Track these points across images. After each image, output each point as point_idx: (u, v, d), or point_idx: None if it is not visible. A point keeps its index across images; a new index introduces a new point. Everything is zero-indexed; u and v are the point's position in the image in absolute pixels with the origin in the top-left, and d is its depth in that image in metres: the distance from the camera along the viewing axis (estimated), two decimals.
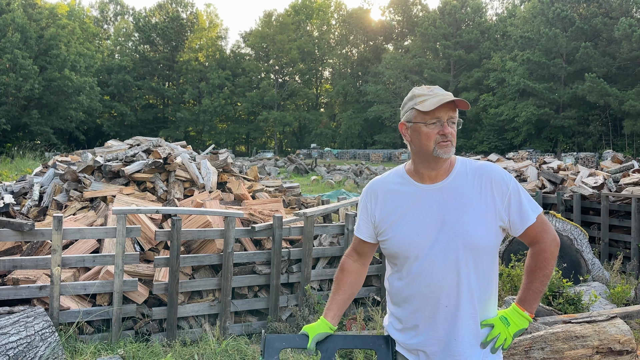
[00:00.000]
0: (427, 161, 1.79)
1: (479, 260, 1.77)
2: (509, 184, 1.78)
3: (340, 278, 2.05)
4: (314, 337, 1.93)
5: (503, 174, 1.80)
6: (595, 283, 5.77)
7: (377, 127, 58.61)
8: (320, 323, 1.98)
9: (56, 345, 3.55)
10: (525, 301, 1.83)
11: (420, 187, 1.83)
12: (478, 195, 1.77)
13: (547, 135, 44.62)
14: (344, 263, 2.08)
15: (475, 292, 1.78)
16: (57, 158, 7.28)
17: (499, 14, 63.42)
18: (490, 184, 1.78)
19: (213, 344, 4.15)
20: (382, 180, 1.95)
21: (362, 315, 4.64)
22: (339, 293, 2.02)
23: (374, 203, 1.93)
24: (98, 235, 4.23)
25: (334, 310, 2.00)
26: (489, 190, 1.77)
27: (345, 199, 6.36)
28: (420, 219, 1.79)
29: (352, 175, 24.84)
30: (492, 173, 1.79)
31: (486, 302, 1.82)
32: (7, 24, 36.73)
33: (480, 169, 1.81)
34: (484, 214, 1.75)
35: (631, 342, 3.44)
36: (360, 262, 2.07)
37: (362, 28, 65.18)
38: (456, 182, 1.80)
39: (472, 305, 1.78)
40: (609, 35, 40.13)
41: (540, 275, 1.81)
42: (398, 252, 1.84)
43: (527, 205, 1.78)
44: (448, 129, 1.75)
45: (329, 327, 1.96)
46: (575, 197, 7.91)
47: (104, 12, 69.57)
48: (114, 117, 56.67)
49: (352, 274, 2.05)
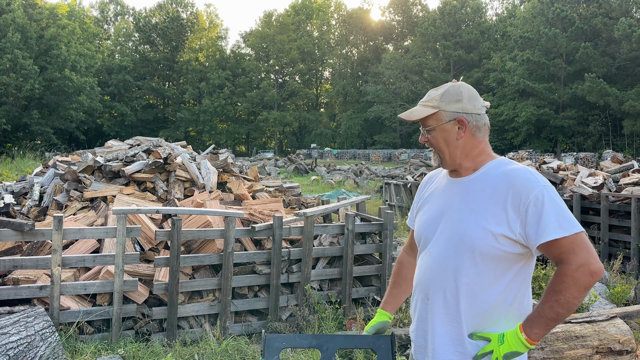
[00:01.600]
0: None
1: (474, 263, 1.67)
2: (529, 194, 1.59)
3: (396, 272, 2.13)
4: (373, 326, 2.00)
5: (529, 182, 1.61)
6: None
7: (377, 127, 58.62)
8: (379, 315, 2.05)
9: (56, 345, 3.56)
10: (528, 323, 1.62)
11: (448, 180, 1.84)
12: (488, 198, 1.67)
13: (546, 135, 44.62)
14: (400, 257, 2.15)
15: (462, 295, 1.68)
16: (58, 158, 7.28)
17: (498, 14, 63.45)
18: (507, 189, 1.63)
19: (213, 344, 4.16)
20: (434, 171, 2.01)
21: (362, 315, 4.65)
22: (395, 287, 2.10)
23: (420, 191, 2.00)
24: (98, 235, 4.23)
25: (391, 303, 2.08)
26: (503, 195, 1.64)
27: (345, 199, 6.36)
28: (434, 211, 1.81)
29: (352, 175, 24.85)
30: (516, 179, 1.63)
31: (485, 311, 1.67)
32: (8, 24, 36.73)
33: (508, 173, 1.67)
34: (484, 217, 1.65)
35: (631, 342, 3.44)
36: (414, 256, 2.07)
37: (362, 28, 65.21)
38: (477, 181, 1.73)
39: (458, 309, 1.69)
40: (609, 35, 40.13)
41: (551, 299, 1.57)
42: (416, 240, 1.92)
43: (552, 219, 1.56)
44: (421, 138, 1.81)
45: (388, 317, 2.04)
46: (575, 197, 7.92)
47: (104, 12, 69.59)
48: (114, 117, 56.68)
49: (406, 267, 2.10)
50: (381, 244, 5.32)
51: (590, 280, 1.54)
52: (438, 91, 1.79)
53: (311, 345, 1.97)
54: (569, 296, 1.55)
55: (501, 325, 1.67)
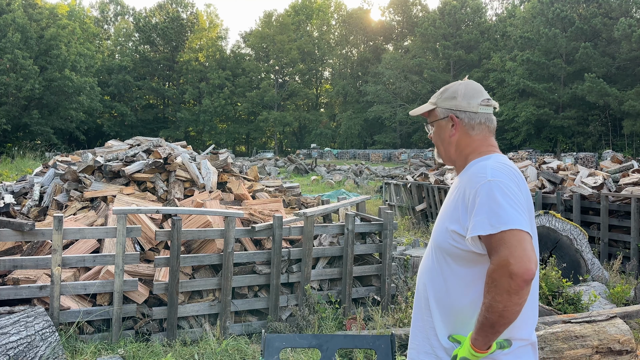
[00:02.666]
0: None
1: (446, 262, 1.64)
2: (473, 188, 1.55)
3: None
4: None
5: (477, 177, 1.57)
6: (594, 283, 5.77)
7: (377, 127, 58.62)
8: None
9: (56, 345, 3.56)
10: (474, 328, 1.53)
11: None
12: (454, 196, 1.67)
13: (546, 135, 44.63)
14: None
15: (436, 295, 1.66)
16: (58, 158, 7.28)
17: (498, 14, 63.43)
18: (464, 186, 1.62)
19: (213, 344, 4.16)
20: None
21: (362, 315, 4.65)
22: None
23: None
24: (98, 235, 4.24)
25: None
26: (461, 192, 1.62)
27: (345, 199, 6.36)
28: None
29: (352, 175, 24.85)
30: (470, 175, 1.63)
31: (457, 312, 1.61)
32: (8, 24, 36.74)
33: (471, 169, 1.67)
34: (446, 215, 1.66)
35: (630, 342, 3.45)
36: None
37: (362, 28, 65.20)
38: (457, 181, 1.76)
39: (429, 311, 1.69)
40: (609, 35, 40.14)
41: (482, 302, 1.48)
42: None
43: (483, 214, 1.48)
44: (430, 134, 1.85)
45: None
46: (574, 197, 7.92)
47: (104, 12, 69.59)
48: (114, 117, 56.68)
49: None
50: (381, 244, 5.32)
51: (511, 283, 1.39)
52: (445, 87, 1.84)
53: (311, 345, 1.98)
54: (491, 299, 1.43)
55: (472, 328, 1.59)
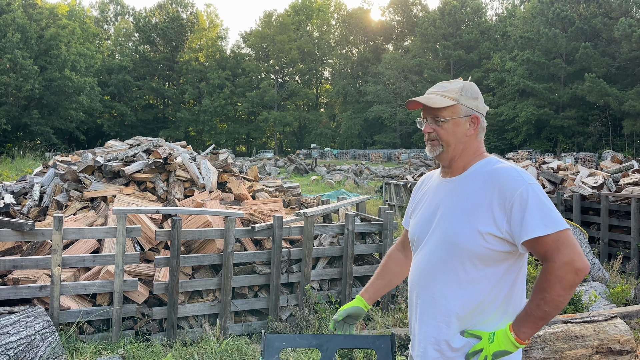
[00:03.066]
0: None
1: (462, 263, 1.68)
2: (514, 192, 1.60)
3: (383, 264, 2.15)
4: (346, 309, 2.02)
5: (513, 180, 1.62)
6: (595, 283, 5.77)
7: (377, 127, 58.62)
8: (356, 300, 2.06)
9: (56, 345, 3.56)
10: (517, 322, 1.63)
11: (440, 180, 1.87)
12: (475, 197, 1.69)
13: (546, 135, 44.62)
14: (389, 251, 2.18)
15: (452, 295, 1.70)
16: (58, 158, 7.28)
17: (498, 14, 63.43)
18: (493, 189, 1.65)
19: (213, 344, 4.16)
20: (429, 172, 2.05)
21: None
22: (378, 278, 2.12)
23: (414, 194, 2.03)
24: (98, 235, 4.23)
25: (371, 292, 2.09)
26: (489, 194, 1.65)
27: (345, 199, 6.36)
28: (427, 212, 1.84)
29: (352, 175, 24.84)
30: (500, 178, 1.65)
31: (472, 310, 1.68)
32: (8, 24, 36.74)
33: (493, 172, 1.69)
34: (473, 217, 1.67)
35: (631, 342, 3.45)
36: (403, 253, 2.13)
37: (362, 28, 65.20)
38: (465, 181, 1.75)
39: (445, 307, 1.71)
40: (609, 35, 40.13)
41: (537, 297, 1.58)
42: (410, 241, 1.94)
43: (536, 217, 1.56)
44: (426, 127, 1.78)
45: (363, 304, 2.05)
46: (575, 197, 7.92)
47: (104, 12, 69.58)
48: (114, 117, 56.67)
49: (393, 262, 2.13)
50: (381, 244, 5.32)
51: (575, 278, 1.54)
52: (453, 85, 1.79)
53: (311, 345, 1.97)
54: (554, 294, 1.55)
55: (492, 324, 1.68)
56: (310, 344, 1.97)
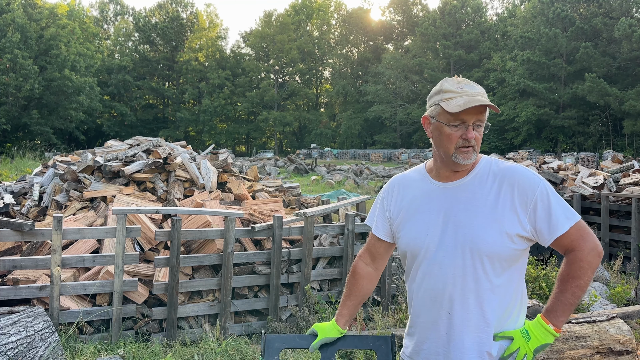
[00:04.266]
0: (445, 162, 1.70)
1: (493, 267, 1.63)
2: (535, 190, 1.61)
3: (352, 283, 1.98)
4: (322, 339, 1.90)
5: (530, 179, 1.63)
6: (595, 283, 5.77)
7: (377, 127, 58.62)
8: (332, 327, 1.93)
9: (56, 345, 3.55)
10: (551, 312, 1.64)
11: (436, 184, 1.75)
12: (495, 199, 1.63)
13: (547, 135, 44.62)
14: (356, 266, 1.99)
15: (486, 302, 1.64)
16: (57, 158, 7.27)
17: (499, 14, 63.45)
18: (511, 189, 1.63)
19: (213, 344, 4.15)
20: (402, 176, 1.89)
21: (362, 315, 4.64)
22: (351, 298, 1.97)
23: (390, 198, 1.86)
24: (98, 235, 4.23)
25: (346, 316, 1.96)
26: (509, 195, 1.62)
27: (345, 199, 6.36)
28: (432, 218, 1.71)
29: (352, 175, 24.84)
30: (516, 177, 1.64)
31: (503, 313, 1.66)
32: (7, 24, 36.73)
33: (505, 172, 1.66)
34: (498, 220, 1.62)
35: (631, 342, 3.44)
36: (373, 266, 1.98)
37: (362, 28, 65.19)
38: (474, 183, 1.68)
39: (482, 316, 1.64)
40: (609, 35, 40.13)
41: (572, 285, 1.61)
42: (407, 251, 1.78)
43: (559, 212, 1.60)
44: (472, 133, 1.63)
45: (339, 331, 1.93)
46: (575, 197, 7.91)
47: (104, 12, 69.60)
48: (114, 117, 56.67)
49: (364, 279, 1.97)
50: None
51: (599, 261, 1.64)
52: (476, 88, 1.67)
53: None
54: (587, 279, 1.62)
55: (514, 322, 1.70)
56: (310, 345, 1.97)
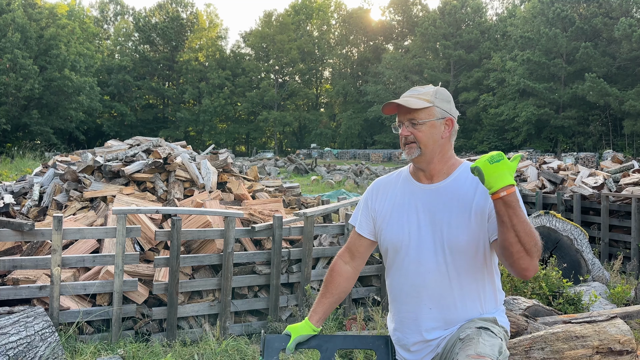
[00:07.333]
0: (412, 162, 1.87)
1: (466, 263, 1.76)
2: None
3: (330, 281, 2.02)
4: (296, 339, 1.93)
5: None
6: (595, 283, 5.76)
7: (377, 127, 58.60)
8: (304, 325, 1.96)
9: (56, 345, 3.55)
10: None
11: (417, 185, 1.86)
12: (470, 201, 1.75)
13: (547, 135, 44.61)
14: (334, 265, 2.03)
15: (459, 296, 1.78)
16: (57, 158, 7.27)
17: (499, 14, 63.44)
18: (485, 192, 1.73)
19: (213, 344, 4.15)
20: (385, 178, 2.01)
21: (362, 315, 4.64)
22: (327, 296, 2.01)
23: (375, 198, 1.97)
24: (98, 235, 4.23)
25: (320, 313, 1.98)
26: (482, 198, 1.74)
27: (345, 199, 6.35)
28: (412, 217, 1.82)
29: (352, 175, 24.83)
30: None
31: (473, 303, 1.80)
32: (7, 24, 36.70)
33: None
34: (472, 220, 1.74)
35: (631, 342, 3.44)
36: (352, 265, 2.02)
37: (362, 28, 65.17)
38: (454, 185, 1.79)
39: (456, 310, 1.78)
40: (609, 35, 40.12)
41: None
42: (388, 247, 1.89)
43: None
44: (404, 131, 1.79)
45: (312, 329, 1.95)
46: (575, 197, 7.91)
47: (104, 12, 69.56)
48: (114, 117, 56.65)
49: (342, 277, 2.01)
50: None
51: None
52: (426, 89, 1.83)
53: (311, 345, 1.97)
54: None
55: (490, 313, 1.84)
56: (310, 345, 1.97)
